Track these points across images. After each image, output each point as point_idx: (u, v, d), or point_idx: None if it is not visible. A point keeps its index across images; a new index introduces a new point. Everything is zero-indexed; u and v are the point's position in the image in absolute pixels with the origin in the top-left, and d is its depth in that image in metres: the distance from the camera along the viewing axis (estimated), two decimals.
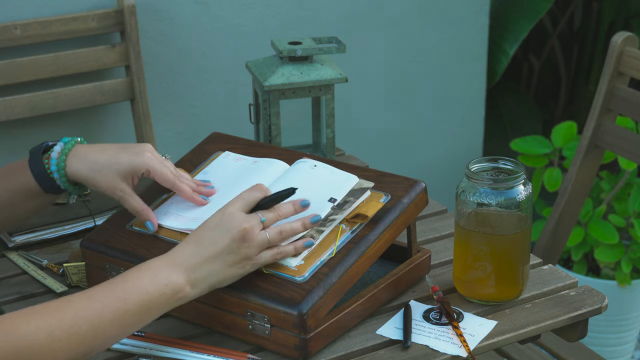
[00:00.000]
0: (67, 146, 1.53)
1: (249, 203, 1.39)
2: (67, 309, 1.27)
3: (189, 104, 2.55)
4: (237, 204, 1.38)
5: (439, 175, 2.94)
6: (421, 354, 1.43)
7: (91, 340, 1.28)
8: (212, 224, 1.37)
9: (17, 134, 2.37)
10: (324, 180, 1.54)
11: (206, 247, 1.36)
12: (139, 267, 1.35)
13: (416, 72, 2.83)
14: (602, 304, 1.55)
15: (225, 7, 2.51)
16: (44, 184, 1.52)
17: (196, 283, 1.36)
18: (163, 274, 1.33)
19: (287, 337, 1.40)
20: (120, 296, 1.30)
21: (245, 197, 1.39)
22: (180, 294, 1.35)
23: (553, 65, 3.44)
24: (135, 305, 1.31)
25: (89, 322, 1.28)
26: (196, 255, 1.35)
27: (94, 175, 1.50)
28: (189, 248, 1.36)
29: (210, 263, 1.36)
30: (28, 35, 2.28)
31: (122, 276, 1.33)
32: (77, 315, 1.27)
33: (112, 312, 1.29)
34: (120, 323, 1.30)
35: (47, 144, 1.55)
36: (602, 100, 2.18)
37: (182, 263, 1.35)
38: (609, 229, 2.65)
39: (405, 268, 1.56)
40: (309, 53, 1.90)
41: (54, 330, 1.25)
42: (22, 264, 1.67)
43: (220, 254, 1.36)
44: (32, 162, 1.53)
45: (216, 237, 1.36)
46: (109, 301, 1.29)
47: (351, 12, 2.67)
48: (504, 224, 1.50)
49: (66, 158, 1.52)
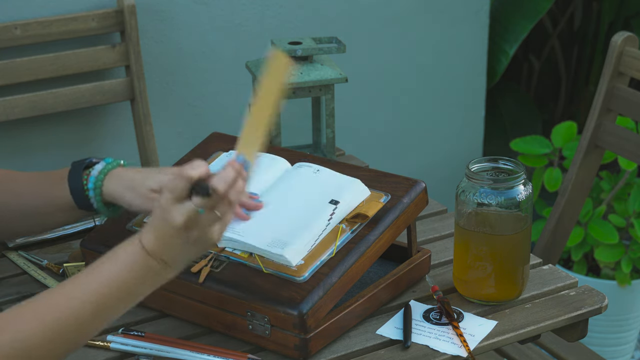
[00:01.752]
0: (108, 167, 1.51)
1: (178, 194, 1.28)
2: (47, 312, 1.25)
3: (189, 104, 2.55)
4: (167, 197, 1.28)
5: (439, 175, 2.94)
6: (421, 354, 1.43)
7: (75, 337, 1.27)
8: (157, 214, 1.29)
9: (17, 134, 2.37)
10: (325, 183, 1.54)
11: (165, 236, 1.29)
12: (112, 256, 1.30)
13: (416, 72, 2.83)
14: (602, 304, 1.55)
15: (225, 7, 2.51)
16: (78, 200, 1.51)
17: (171, 263, 1.30)
18: (140, 261, 1.28)
19: (287, 337, 1.40)
20: (99, 290, 1.27)
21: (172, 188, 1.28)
22: (160, 276, 1.30)
23: (553, 65, 3.44)
24: (115, 297, 1.28)
25: (70, 321, 1.25)
26: (161, 240, 1.29)
27: (128, 192, 1.48)
28: (154, 234, 1.29)
29: (175, 248, 1.30)
30: (28, 35, 2.28)
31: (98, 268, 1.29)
32: (59, 316, 1.25)
33: (93, 307, 1.26)
34: (102, 315, 1.28)
35: (91, 160, 1.53)
36: (602, 100, 2.18)
37: (153, 249, 1.29)
38: (609, 229, 2.65)
39: (405, 268, 1.56)
40: (309, 53, 1.90)
41: (34, 337, 1.23)
42: (22, 264, 1.67)
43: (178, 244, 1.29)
44: (71, 176, 1.51)
45: (167, 230, 1.28)
46: (88, 296, 1.26)
47: (351, 11, 2.67)
48: (504, 224, 1.50)
49: (104, 177, 1.50)
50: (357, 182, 1.53)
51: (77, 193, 1.50)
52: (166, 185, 1.28)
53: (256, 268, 1.44)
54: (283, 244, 1.44)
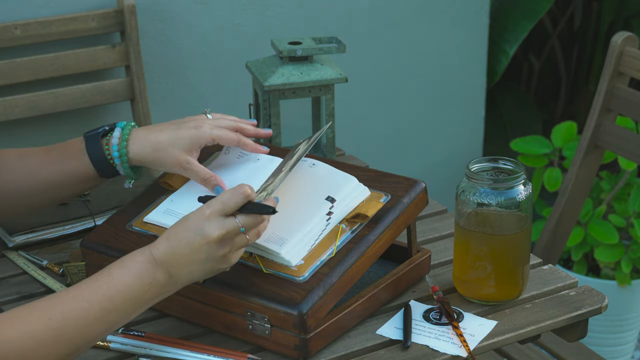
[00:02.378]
0: (125, 131, 1.54)
1: (228, 208, 1.33)
2: (53, 312, 1.27)
3: (189, 104, 2.55)
4: (215, 207, 1.33)
5: (439, 175, 2.94)
6: (421, 354, 1.43)
7: (78, 341, 1.28)
8: (190, 224, 1.33)
9: (17, 134, 2.37)
10: (321, 179, 1.54)
11: (184, 249, 1.32)
12: (122, 263, 1.33)
13: (416, 72, 2.83)
14: (602, 304, 1.55)
15: (225, 7, 2.51)
16: (102, 170, 1.54)
17: (177, 280, 1.34)
18: (148, 271, 1.32)
19: (287, 337, 1.40)
20: (106, 295, 1.29)
21: (225, 200, 1.33)
22: (163, 290, 1.34)
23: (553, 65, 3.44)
24: (121, 304, 1.30)
25: (75, 324, 1.27)
26: (175, 256, 1.33)
27: (159, 154, 1.52)
28: (169, 247, 1.33)
29: (188, 265, 1.33)
30: (28, 35, 2.28)
31: (106, 273, 1.31)
32: (64, 317, 1.27)
33: (99, 312, 1.29)
34: (106, 321, 1.30)
35: (104, 128, 1.55)
36: (602, 100, 2.18)
37: (163, 262, 1.32)
38: (609, 229, 2.65)
39: (405, 268, 1.56)
40: (309, 53, 1.90)
41: (40, 334, 1.25)
42: (22, 264, 1.67)
43: (197, 259, 1.33)
44: (90, 147, 1.54)
45: (194, 242, 1.32)
46: (95, 301, 1.29)
47: (351, 12, 2.67)
48: (504, 224, 1.50)
49: (127, 143, 1.53)
50: (354, 180, 1.53)
51: (100, 163, 1.53)
52: (220, 197, 1.33)
53: (256, 268, 1.44)
54: (281, 241, 1.44)
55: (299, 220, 1.47)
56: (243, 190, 1.33)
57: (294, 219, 1.47)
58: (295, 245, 1.44)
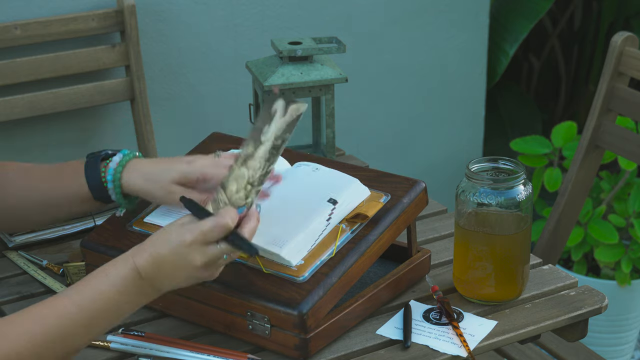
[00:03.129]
0: (125, 158, 1.52)
1: (209, 239, 1.32)
2: (35, 329, 1.26)
3: (189, 104, 2.55)
4: (197, 238, 1.31)
5: (439, 175, 2.94)
6: (421, 354, 1.43)
7: (60, 351, 1.28)
8: (172, 246, 1.32)
9: (17, 134, 2.37)
10: (324, 182, 1.54)
11: (167, 266, 1.32)
12: (102, 272, 1.32)
13: (416, 72, 2.83)
14: (602, 304, 1.55)
15: (225, 7, 2.51)
16: (96, 193, 1.52)
17: (161, 289, 1.34)
18: (133, 285, 1.31)
19: (287, 337, 1.40)
20: (85, 305, 1.29)
21: (206, 232, 1.31)
22: (147, 299, 1.34)
23: (553, 65, 3.44)
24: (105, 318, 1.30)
25: (55, 338, 1.27)
26: (159, 270, 1.32)
27: (149, 185, 1.50)
28: (152, 263, 1.32)
29: (172, 278, 1.33)
30: (28, 35, 2.28)
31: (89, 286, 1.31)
32: (46, 333, 1.26)
33: (83, 326, 1.29)
34: (91, 332, 1.30)
35: (106, 152, 1.54)
36: (602, 100, 2.18)
37: (147, 274, 1.32)
38: (609, 229, 2.65)
39: (405, 268, 1.56)
40: (309, 53, 1.90)
41: (22, 353, 1.24)
42: (22, 264, 1.67)
43: (180, 275, 1.33)
44: (88, 168, 1.53)
45: (176, 263, 1.32)
46: (79, 317, 1.28)
47: (351, 12, 2.67)
48: (504, 224, 1.50)
49: (123, 170, 1.51)
50: (356, 181, 1.53)
51: (95, 186, 1.52)
52: (202, 227, 1.31)
53: (256, 268, 1.44)
54: (282, 243, 1.44)
55: (300, 222, 1.47)
56: (224, 223, 1.31)
57: (295, 221, 1.47)
58: (296, 246, 1.44)
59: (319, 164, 1.60)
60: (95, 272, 1.32)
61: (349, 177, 1.54)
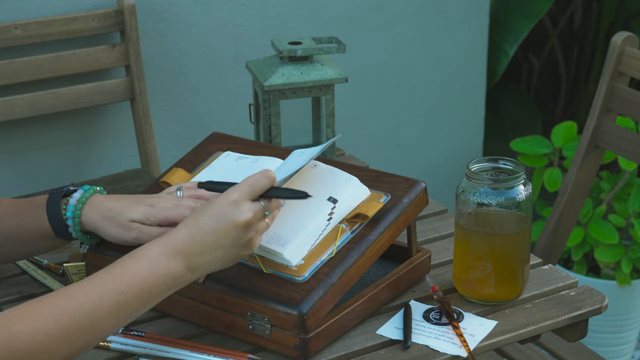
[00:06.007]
0: (86, 194, 1.49)
1: (255, 191, 1.34)
2: (64, 306, 1.25)
3: (189, 104, 2.55)
4: (243, 191, 1.33)
5: (439, 175, 2.94)
6: (421, 354, 1.43)
7: (90, 335, 1.27)
8: (214, 211, 1.32)
9: (17, 134, 2.37)
10: (323, 179, 1.53)
11: (208, 235, 1.32)
12: (135, 255, 1.31)
13: (416, 72, 2.83)
14: (602, 304, 1.55)
15: (225, 7, 2.51)
16: (57, 229, 1.48)
17: (196, 269, 1.33)
18: (162, 264, 1.30)
19: (287, 337, 1.40)
20: (118, 289, 1.28)
21: (252, 183, 1.34)
22: (180, 281, 1.33)
23: (553, 65, 3.44)
24: (134, 297, 1.29)
25: (86, 318, 1.26)
26: (197, 243, 1.32)
27: (106, 222, 1.46)
28: (189, 235, 1.32)
29: (212, 251, 1.33)
30: (28, 35, 2.28)
31: (119, 266, 1.30)
32: (75, 312, 1.25)
33: (111, 306, 1.27)
34: (118, 315, 1.29)
35: (68, 188, 1.51)
36: (602, 100, 2.18)
37: (182, 251, 1.31)
38: (609, 229, 2.65)
39: (405, 268, 1.56)
40: (309, 53, 1.90)
41: (51, 330, 1.24)
42: (22, 264, 1.67)
43: (223, 244, 1.33)
44: (49, 204, 1.49)
45: (219, 226, 1.32)
46: (107, 294, 1.27)
47: (351, 11, 2.67)
48: (504, 224, 1.50)
49: (82, 206, 1.48)
50: (356, 180, 1.53)
51: (55, 222, 1.48)
52: (247, 181, 1.33)
53: (256, 268, 1.45)
54: (283, 241, 1.44)
55: (301, 221, 1.47)
56: (269, 174, 1.35)
57: (296, 220, 1.47)
58: (297, 245, 1.44)
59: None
60: (127, 255, 1.31)
61: (347, 175, 1.54)
